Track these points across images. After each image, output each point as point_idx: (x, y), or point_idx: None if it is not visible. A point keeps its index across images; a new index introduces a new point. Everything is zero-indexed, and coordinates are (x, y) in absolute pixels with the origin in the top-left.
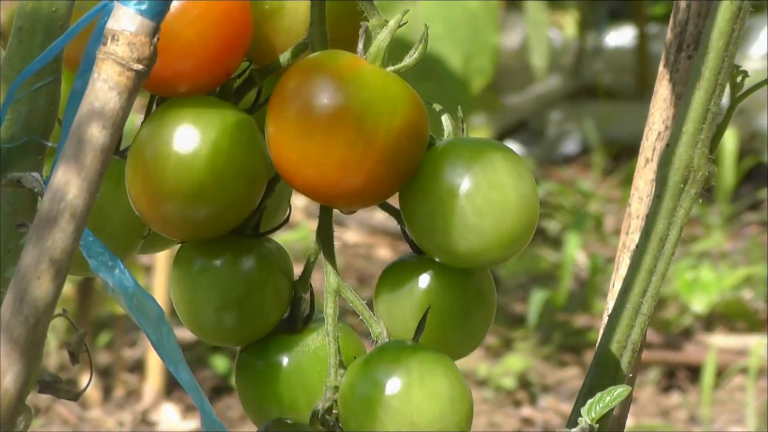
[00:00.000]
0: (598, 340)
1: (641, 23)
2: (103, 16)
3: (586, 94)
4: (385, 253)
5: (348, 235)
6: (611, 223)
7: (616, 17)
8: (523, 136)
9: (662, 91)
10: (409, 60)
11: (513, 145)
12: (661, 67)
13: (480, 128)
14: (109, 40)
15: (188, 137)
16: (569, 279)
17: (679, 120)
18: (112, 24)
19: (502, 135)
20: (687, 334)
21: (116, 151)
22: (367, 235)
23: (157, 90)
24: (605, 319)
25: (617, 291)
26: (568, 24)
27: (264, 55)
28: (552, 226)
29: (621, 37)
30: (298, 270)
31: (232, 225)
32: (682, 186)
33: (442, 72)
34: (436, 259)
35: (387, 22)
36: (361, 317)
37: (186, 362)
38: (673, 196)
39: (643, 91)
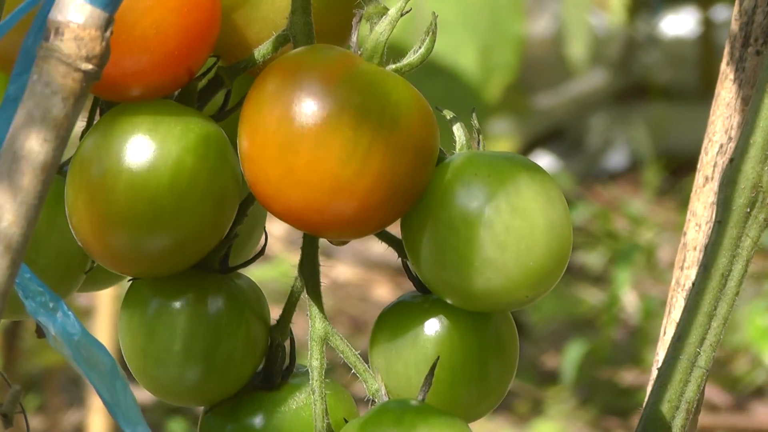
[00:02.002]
0: (646, 399)
1: (705, 5)
2: (44, 5)
3: (636, 94)
4: (383, 292)
5: (339, 270)
6: (667, 256)
7: None
8: (559, 147)
9: (725, 94)
10: (414, 56)
11: (546, 158)
12: (723, 65)
13: (503, 137)
14: (51, 35)
15: (143, 151)
16: (615, 326)
17: (746, 129)
18: (55, 15)
19: (532, 145)
20: (759, 393)
21: None
22: (362, 270)
23: (104, 93)
24: (654, 372)
25: (669, 339)
26: (615, 6)
27: (234, 50)
28: (593, 259)
29: (680, 23)
30: (275, 313)
31: (195, 258)
32: (748, 210)
33: (454, 67)
34: (447, 300)
35: (386, 9)
36: (353, 371)
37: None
38: (738, 222)
39: (707, 91)
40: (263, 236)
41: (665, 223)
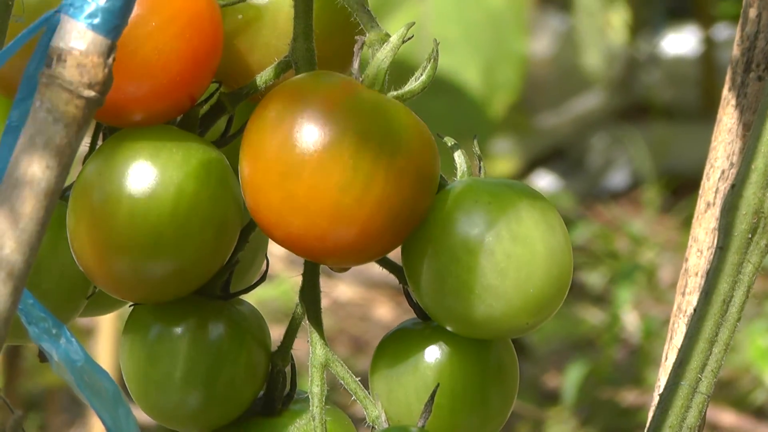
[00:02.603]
0: (647, 424)
1: (707, 25)
2: (46, 31)
3: (637, 113)
4: (384, 312)
5: (340, 290)
6: (668, 276)
7: (676, 17)
8: (560, 166)
9: (726, 119)
10: (415, 83)
11: (547, 177)
12: (725, 91)
13: (504, 156)
14: (54, 61)
15: (144, 177)
16: (616, 345)
17: (747, 155)
18: (57, 41)
19: (533, 164)
20: (761, 413)
21: None
22: (362, 289)
23: (107, 118)
24: (655, 398)
25: (671, 364)
26: (616, 26)
27: (236, 76)
28: (594, 279)
29: (681, 42)
30: (276, 332)
31: (196, 284)
32: (750, 236)
33: (456, 86)
34: (447, 327)
35: (388, 36)
36: (354, 397)
37: None
38: (740, 248)
39: (709, 110)
40: (265, 262)
41: (666, 242)
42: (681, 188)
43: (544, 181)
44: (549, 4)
